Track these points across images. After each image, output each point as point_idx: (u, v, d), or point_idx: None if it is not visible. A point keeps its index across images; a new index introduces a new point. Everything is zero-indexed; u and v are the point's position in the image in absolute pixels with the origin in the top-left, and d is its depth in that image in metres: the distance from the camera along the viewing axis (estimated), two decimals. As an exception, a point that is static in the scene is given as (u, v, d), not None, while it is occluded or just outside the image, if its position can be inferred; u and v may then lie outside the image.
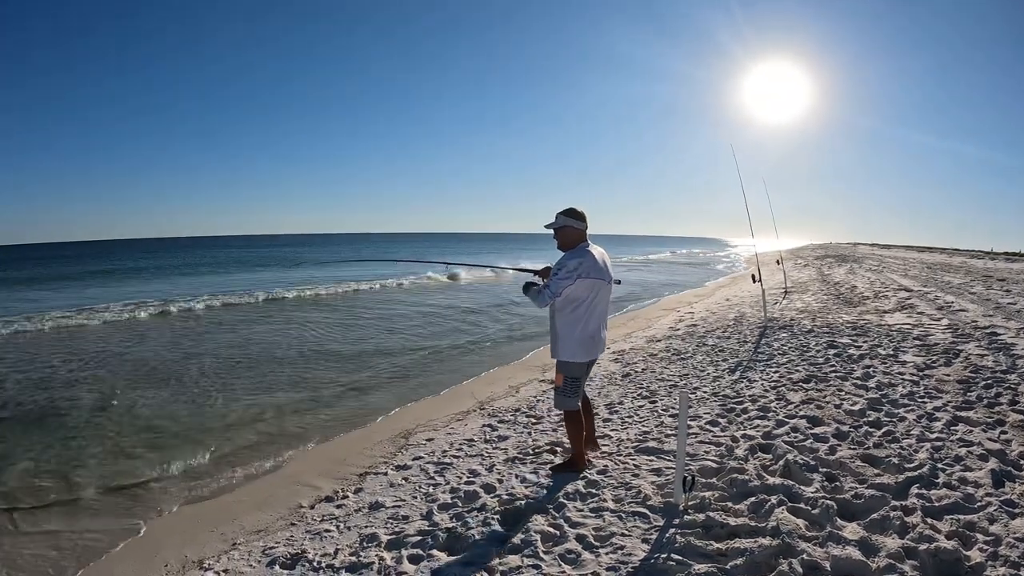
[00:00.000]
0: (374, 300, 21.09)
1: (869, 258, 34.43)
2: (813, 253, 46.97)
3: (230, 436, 6.63)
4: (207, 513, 4.79)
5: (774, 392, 6.40)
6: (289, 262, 53.68)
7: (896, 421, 5.17)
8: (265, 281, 29.58)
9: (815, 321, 11.04)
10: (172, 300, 20.45)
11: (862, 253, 42.75)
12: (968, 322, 9.88)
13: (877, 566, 2.95)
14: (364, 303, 20.06)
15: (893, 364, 7.25)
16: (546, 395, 7.27)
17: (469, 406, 7.24)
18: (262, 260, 59.00)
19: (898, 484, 3.90)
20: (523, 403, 7.00)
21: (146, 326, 15.66)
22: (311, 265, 47.10)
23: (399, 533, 3.87)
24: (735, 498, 3.87)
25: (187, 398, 8.18)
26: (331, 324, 15.11)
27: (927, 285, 16.62)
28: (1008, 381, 6.17)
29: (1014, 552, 2.99)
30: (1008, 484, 3.82)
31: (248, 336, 13.56)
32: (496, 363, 10.09)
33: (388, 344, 12.03)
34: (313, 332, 13.86)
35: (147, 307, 18.64)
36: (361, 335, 13.36)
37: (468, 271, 30.86)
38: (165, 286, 29.73)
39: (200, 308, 18.96)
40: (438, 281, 27.46)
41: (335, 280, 27.07)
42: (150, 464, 5.86)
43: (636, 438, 5.33)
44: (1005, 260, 27.49)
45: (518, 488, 4.40)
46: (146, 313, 17.60)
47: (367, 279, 27.55)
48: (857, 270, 24.06)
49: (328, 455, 5.96)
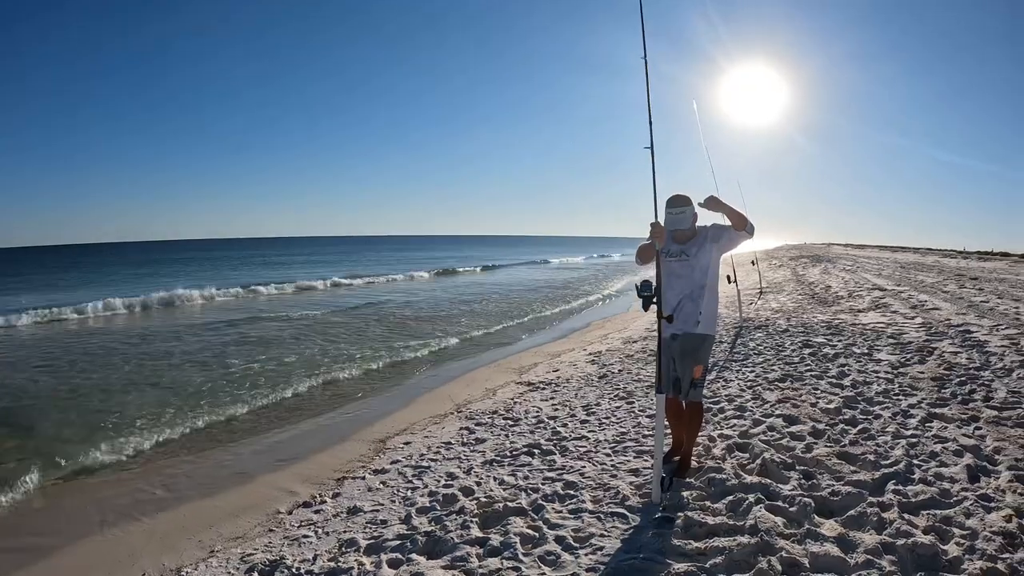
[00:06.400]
0: (347, 299, 20.98)
1: (843, 258, 35.23)
2: (788, 253, 47.80)
3: (206, 441, 6.62)
4: (184, 520, 4.76)
5: (750, 391, 6.55)
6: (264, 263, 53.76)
7: (872, 419, 5.34)
8: (232, 283, 29.23)
9: (790, 321, 11.31)
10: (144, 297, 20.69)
11: (836, 253, 43.65)
12: (941, 320, 10.22)
13: (855, 562, 3.07)
14: (336, 302, 19.94)
15: (868, 362, 7.48)
16: (523, 397, 7.33)
17: (446, 409, 7.26)
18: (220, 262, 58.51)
19: (875, 481, 4.04)
20: (500, 405, 7.04)
21: (135, 322, 15.66)
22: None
23: (378, 537, 3.90)
24: (713, 497, 3.97)
25: (163, 402, 8.09)
26: (304, 326, 15.02)
27: (901, 284, 17.12)
28: (981, 378, 6.43)
29: (991, 545, 3.12)
30: (983, 479, 3.99)
31: (218, 339, 13.40)
32: (473, 365, 10.14)
33: (362, 346, 11.96)
34: (287, 334, 13.75)
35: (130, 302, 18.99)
36: (334, 335, 13.31)
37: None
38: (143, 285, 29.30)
39: (164, 306, 18.93)
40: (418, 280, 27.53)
41: (311, 280, 27.02)
42: (127, 471, 5.84)
43: (614, 439, 5.43)
44: (977, 259, 28.35)
45: (496, 490, 4.46)
46: (138, 307, 18.59)
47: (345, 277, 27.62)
48: (831, 270, 24.65)
49: (305, 459, 5.96)
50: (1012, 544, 3.13)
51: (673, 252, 4.21)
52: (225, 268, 49.34)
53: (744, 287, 15.15)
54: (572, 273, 37.77)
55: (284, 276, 34.24)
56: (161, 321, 16.91)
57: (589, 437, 5.54)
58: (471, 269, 40.89)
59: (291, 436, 6.77)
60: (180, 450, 6.39)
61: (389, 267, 44.18)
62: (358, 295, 23.46)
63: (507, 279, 33.29)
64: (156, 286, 24.75)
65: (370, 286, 27.02)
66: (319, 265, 51.31)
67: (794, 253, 47.77)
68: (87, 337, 14.09)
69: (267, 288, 24.48)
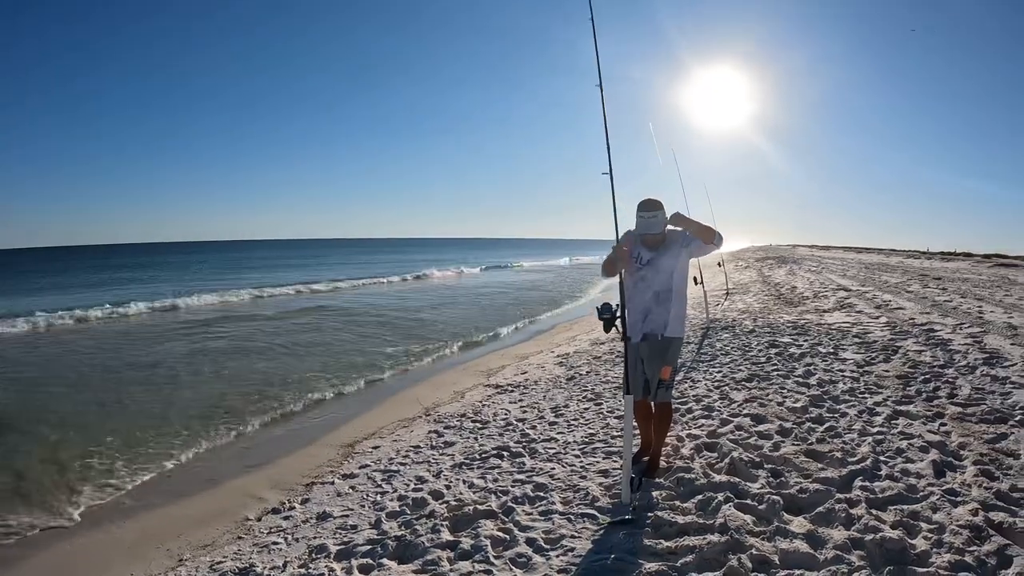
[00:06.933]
0: (311, 304, 20.77)
1: (808, 259, 35.78)
2: (754, 255, 48.42)
3: (173, 448, 6.48)
4: (152, 528, 4.71)
5: (717, 392, 6.58)
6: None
7: (838, 417, 5.40)
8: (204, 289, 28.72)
9: (756, 321, 11.42)
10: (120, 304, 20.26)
11: (801, 254, 44.33)
12: (906, 319, 10.41)
13: (825, 558, 3.08)
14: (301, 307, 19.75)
15: (834, 361, 7.57)
16: (491, 399, 7.28)
17: (414, 412, 7.21)
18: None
19: (842, 477, 4.08)
20: (469, 408, 7.01)
21: (86, 333, 15.27)
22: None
23: (348, 543, 3.87)
24: (683, 497, 3.98)
25: (128, 410, 7.96)
26: (269, 332, 14.79)
27: (865, 284, 17.43)
28: (946, 375, 6.55)
29: (958, 539, 3.16)
30: (949, 474, 4.05)
31: (188, 344, 13.20)
32: (441, 368, 10.10)
33: (328, 351, 11.85)
34: (251, 340, 13.55)
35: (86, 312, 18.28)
36: (296, 341, 13.15)
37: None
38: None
39: (138, 315, 18.61)
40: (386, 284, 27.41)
41: (277, 285, 26.72)
42: (93, 480, 5.71)
43: (583, 440, 5.42)
44: (941, 260, 28.98)
45: (466, 494, 4.44)
46: (92, 317, 17.61)
47: (303, 283, 27.33)
48: (797, 271, 25.04)
49: (273, 465, 5.92)
50: (979, 537, 3.17)
51: (643, 259, 4.22)
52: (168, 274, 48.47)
53: (711, 288, 15.30)
54: (541, 276, 37.82)
55: (248, 281, 33.75)
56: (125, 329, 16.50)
57: (558, 439, 5.53)
58: (438, 272, 40.66)
59: (259, 442, 6.69)
60: (146, 457, 6.25)
61: (355, 271, 43.86)
62: (322, 299, 23.18)
63: (474, 282, 33.28)
64: (127, 293, 24.29)
65: (336, 292, 26.72)
66: (285, 269, 50.78)
67: (760, 255, 48.43)
68: (45, 347, 13.68)
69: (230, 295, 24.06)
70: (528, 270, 45.97)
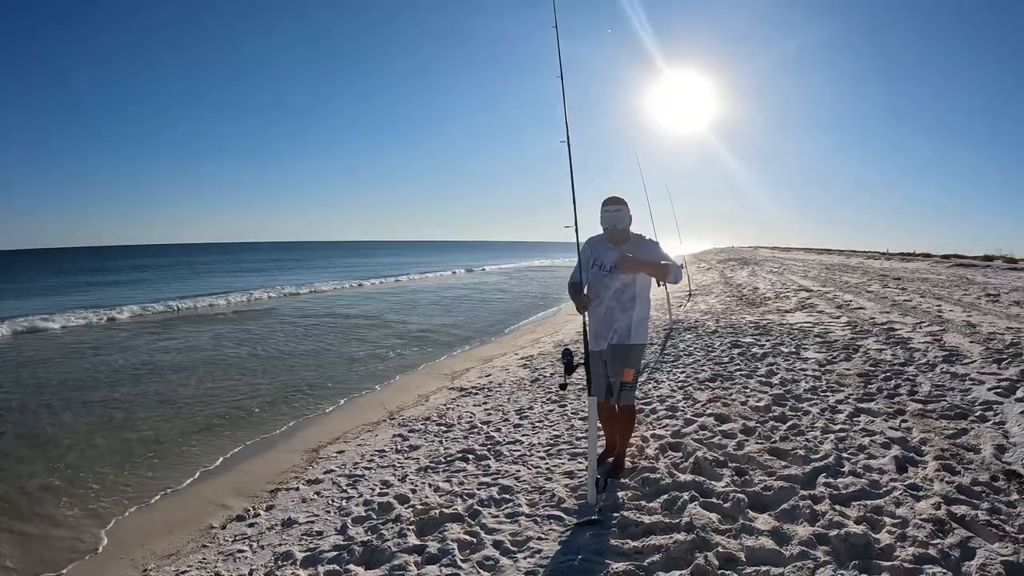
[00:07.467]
0: (268, 310, 20.48)
1: (770, 261, 36.38)
2: (716, 257, 49.07)
3: (132, 456, 6.31)
4: (115, 538, 4.60)
5: (681, 392, 6.62)
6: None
7: (801, 415, 5.47)
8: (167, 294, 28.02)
9: (719, 322, 11.54)
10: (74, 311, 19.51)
11: (763, 256, 45.06)
12: (866, 319, 10.62)
13: (790, 554, 3.10)
14: (258, 313, 19.47)
15: (796, 361, 7.68)
16: (455, 402, 7.22)
17: (379, 416, 7.12)
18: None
19: (806, 475, 4.12)
20: (433, 411, 6.95)
21: (31, 341, 14.78)
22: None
23: (314, 549, 3.82)
24: (648, 496, 3.97)
25: (85, 417, 7.72)
26: (230, 337, 14.51)
27: (826, 285, 17.78)
28: (906, 373, 6.69)
29: (921, 532, 3.20)
30: (911, 469, 4.12)
31: (148, 350, 12.86)
32: (405, 371, 9.99)
33: (291, 355, 11.67)
34: (212, 345, 13.28)
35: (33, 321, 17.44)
36: (261, 347, 12.91)
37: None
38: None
39: (96, 321, 18.04)
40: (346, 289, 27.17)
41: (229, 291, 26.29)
42: (51, 490, 5.54)
43: (547, 442, 5.40)
44: (900, 260, 29.67)
45: (432, 497, 4.39)
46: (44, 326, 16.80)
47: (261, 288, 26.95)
48: (759, 272, 25.43)
49: (237, 472, 5.82)
50: (942, 530, 3.21)
51: (606, 266, 4.19)
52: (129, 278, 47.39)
53: (673, 290, 15.42)
54: (506, 279, 37.81)
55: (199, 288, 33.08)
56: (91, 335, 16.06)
57: (523, 441, 5.50)
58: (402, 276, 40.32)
59: (221, 448, 6.53)
60: (107, 466, 6.07)
61: (317, 275, 43.31)
62: (279, 304, 22.87)
63: (437, 285, 33.14)
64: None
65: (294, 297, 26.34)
66: (240, 274, 49.86)
67: (722, 256, 49.11)
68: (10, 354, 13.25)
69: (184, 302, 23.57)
70: (493, 273, 45.91)
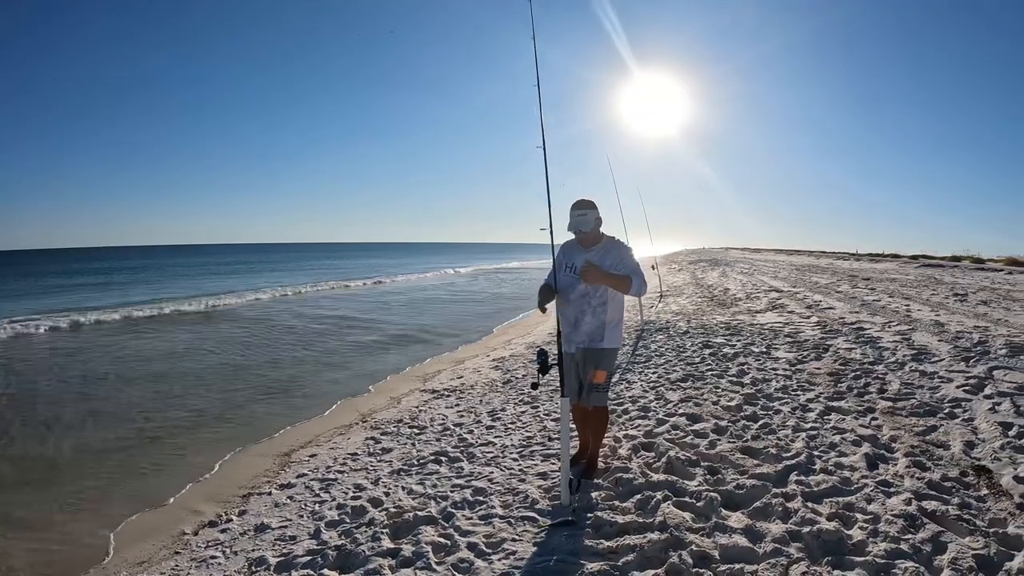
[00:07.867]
0: (237, 313, 20.26)
1: (741, 262, 36.78)
2: (687, 258, 49.50)
3: (102, 462, 6.16)
4: (85, 546, 4.47)
5: (653, 392, 6.65)
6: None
7: (772, 414, 5.53)
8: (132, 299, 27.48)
9: (690, 323, 11.63)
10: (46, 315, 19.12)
11: (734, 257, 45.56)
12: (836, 319, 10.79)
13: (764, 551, 3.13)
14: (225, 316, 19.23)
15: (766, 360, 7.76)
16: (428, 404, 7.18)
17: (351, 419, 7.05)
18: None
19: (777, 473, 4.17)
20: (405, 414, 6.89)
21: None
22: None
23: (288, 554, 3.77)
24: (622, 497, 3.99)
25: (54, 422, 7.53)
26: (197, 339, 14.25)
27: (796, 285, 18.03)
28: (875, 371, 6.80)
29: (893, 528, 3.26)
30: (882, 466, 4.19)
31: (118, 353, 12.58)
32: (376, 374, 9.88)
33: (261, 359, 11.48)
34: (181, 348, 13.03)
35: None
36: (232, 350, 12.72)
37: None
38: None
39: (62, 325, 17.50)
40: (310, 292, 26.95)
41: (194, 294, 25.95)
42: (19, 496, 5.41)
43: (520, 443, 5.39)
44: (869, 261, 30.22)
45: (405, 500, 4.37)
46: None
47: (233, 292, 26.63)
48: (729, 273, 25.70)
49: (209, 477, 5.71)
50: (913, 526, 3.26)
51: (576, 268, 4.17)
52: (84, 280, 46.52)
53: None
54: (479, 281, 37.76)
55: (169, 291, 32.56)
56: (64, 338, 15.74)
57: (496, 443, 5.49)
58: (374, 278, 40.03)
59: (191, 452, 6.40)
60: (75, 472, 5.94)
61: (284, 278, 42.81)
62: (252, 307, 22.56)
63: (409, 287, 32.96)
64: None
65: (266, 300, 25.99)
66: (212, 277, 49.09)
67: (693, 257, 49.57)
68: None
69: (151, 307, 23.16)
70: (465, 275, 45.79)
